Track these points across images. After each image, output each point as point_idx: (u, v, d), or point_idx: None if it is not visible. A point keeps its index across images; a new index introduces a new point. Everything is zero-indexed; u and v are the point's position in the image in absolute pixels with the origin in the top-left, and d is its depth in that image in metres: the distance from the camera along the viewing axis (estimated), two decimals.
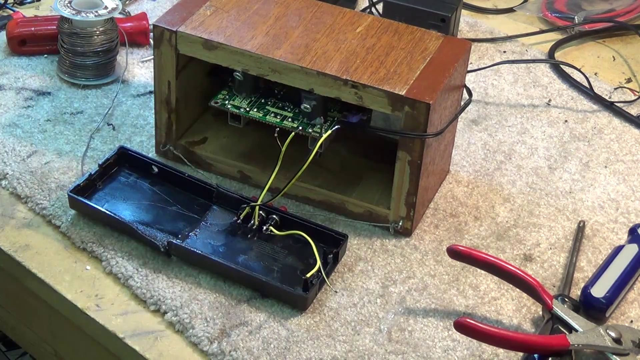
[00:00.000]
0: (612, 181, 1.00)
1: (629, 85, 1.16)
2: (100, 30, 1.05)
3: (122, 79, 1.07)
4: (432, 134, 0.85)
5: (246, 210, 0.87)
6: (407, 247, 0.89)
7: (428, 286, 0.85)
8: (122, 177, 0.92)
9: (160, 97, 0.93)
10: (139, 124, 1.01)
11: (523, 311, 0.84)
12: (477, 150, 1.03)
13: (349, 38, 0.89)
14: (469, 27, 1.24)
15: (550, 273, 0.88)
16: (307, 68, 0.85)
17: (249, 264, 0.84)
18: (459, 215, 0.93)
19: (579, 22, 1.25)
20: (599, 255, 0.90)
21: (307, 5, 0.94)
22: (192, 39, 0.88)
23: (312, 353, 0.78)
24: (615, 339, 0.77)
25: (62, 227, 0.88)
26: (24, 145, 0.97)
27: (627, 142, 1.06)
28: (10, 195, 0.92)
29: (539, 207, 0.95)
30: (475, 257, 0.82)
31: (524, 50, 1.21)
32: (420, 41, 0.90)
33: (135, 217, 0.87)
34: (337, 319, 0.81)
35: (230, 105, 0.93)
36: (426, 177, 0.88)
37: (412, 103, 0.82)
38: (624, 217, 0.95)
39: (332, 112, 0.91)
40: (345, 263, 0.86)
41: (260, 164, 0.93)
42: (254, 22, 0.90)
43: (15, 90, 1.05)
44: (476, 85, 1.12)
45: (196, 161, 0.96)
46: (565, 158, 1.03)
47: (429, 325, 0.81)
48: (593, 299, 0.82)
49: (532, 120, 1.08)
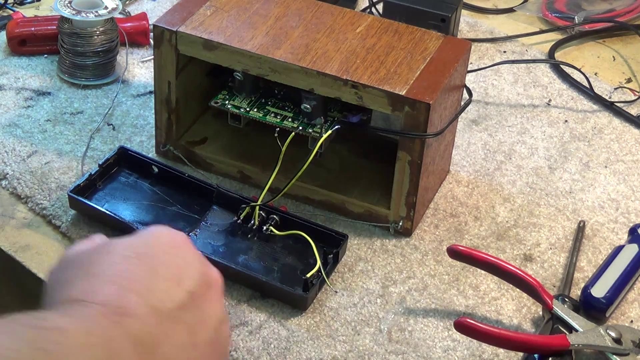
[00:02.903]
0: (612, 181, 1.00)
1: (629, 85, 1.16)
2: (100, 30, 1.05)
3: (122, 79, 1.07)
4: (432, 134, 0.85)
5: (246, 210, 0.87)
6: (407, 247, 0.89)
7: (428, 286, 0.85)
8: (122, 177, 0.92)
9: (160, 97, 0.93)
10: (139, 124, 1.01)
11: (523, 311, 0.84)
12: (477, 150, 1.03)
13: (349, 38, 0.89)
14: (469, 27, 1.24)
15: (550, 273, 0.88)
16: (307, 68, 0.85)
17: (249, 264, 0.84)
18: (459, 215, 0.93)
19: (579, 22, 1.25)
20: (599, 255, 0.90)
21: (307, 5, 0.94)
22: (192, 39, 0.88)
23: (312, 353, 0.78)
24: (616, 339, 0.77)
25: (62, 227, 0.88)
26: (24, 145, 0.97)
27: (627, 142, 1.06)
28: (10, 195, 0.92)
29: (539, 207, 0.95)
30: (475, 257, 0.82)
31: (524, 50, 1.21)
32: (420, 41, 0.90)
33: (135, 217, 0.87)
34: (337, 319, 0.81)
35: (230, 105, 0.93)
36: (426, 177, 0.88)
37: (412, 103, 0.82)
38: (624, 217, 0.95)
39: (332, 112, 0.91)
40: (345, 263, 0.86)
41: (260, 164, 0.93)
42: (254, 22, 0.90)
43: (15, 90, 1.05)
44: (476, 85, 1.12)
45: (196, 161, 0.96)
46: (565, 158, 1.03)
47: (429, 325, 0.81)
48: (593, 299, 0.82)
49: (532, 120, 1.08)
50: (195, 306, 0.61)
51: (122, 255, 0.61)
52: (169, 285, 0.60)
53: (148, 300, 0.58)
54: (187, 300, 0.60)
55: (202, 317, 0.62)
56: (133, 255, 0.61)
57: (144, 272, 0.60)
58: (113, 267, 0.60)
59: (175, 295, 0.60)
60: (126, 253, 0.61)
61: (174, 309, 0.59)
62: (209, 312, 0.62)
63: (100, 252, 0.62)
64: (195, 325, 0.60)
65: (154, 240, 0.64)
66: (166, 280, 0.60)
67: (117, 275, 0.59)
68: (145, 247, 0.62)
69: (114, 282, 0.58)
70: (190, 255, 0.64)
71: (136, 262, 0.60)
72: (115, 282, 0.58)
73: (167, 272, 0.61)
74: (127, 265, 0.60)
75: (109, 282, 0.58)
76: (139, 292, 0.58)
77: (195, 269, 0.63)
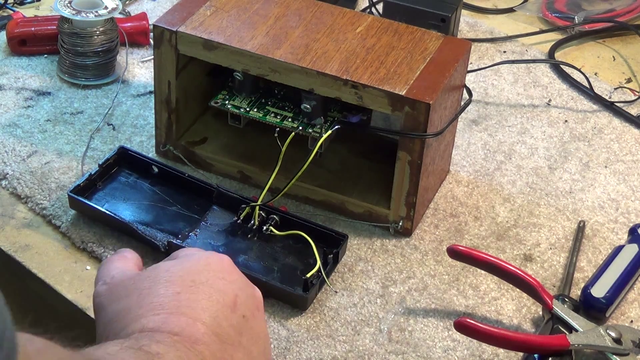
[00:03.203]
0: (612, 181, 1.00)
1: (629, 85, 1.16)
2: (100, 30, 1.05)
3: (122, 79, 1.07)
4: (432, 134, 0.85)
5: (246, 210, 0.87)
6: (407, 247, 0.89)
7: (428, 286, 0.85)
8: (122, 177, 0.92)
9: (160, 97, 0.93)
10: (139, 124, 1.01)
11: (523, 311, 0.84)
12: (477, 150, 1.03)
13: (349, 38, 0.89)
14: (469, 27, 1.24)
15: (550, 273, 0.88)
16: (307, 68, 0.85)
17: (249, 264, 0.84)
18: (459, 215, 0.93)
19: (579, 22, 1.25)
20: (599, 255, 0.90)
21: (307, 5, 0.94)
22: (192, 39, 0.88)
23: (312, 353, 0.78)
24: (615, 339, 0.77)
25: (62, 227, 0.88)
26: (24, 145, 0.97)
27: (627, 142, 1.06)
28: (10, 195, 0.92)
29: (539, 207, 0.95)
30: (475, 257, 0.82)
31: (524, 50, 1.21)
32: (420, 41, 0.90)
33: (135, 217, 0.87)
34: (337, 319, 0.81)
35: (230, 105, 0.93)
36: (426, 177, 0.88)
37: (412, 103, 0.82)
38: (624, 217, 0.95)
39: (332, 112, 0.91)
40: (345, 263, 0.86)
41: (260, 164, 0.93)
42: (254, 22, 0.90)
43: (15, 90, 1.05)
44: (476, 85, 1.12)
45: (196, 161, 0.96)
46: (565, 158, 1.03)
47: (429, 325, 0.81)
48: (593, 299, 0.82)
49: (532, 120, 1.08)
50: (249, 328, 0.65)
51: (182, 284, 0.64)
52: (227, 311, 0.64)
53: (212, 328, 0.62)
54: (242, 324, 0.64)
55: (255, 338, 0.65)
56: (191, 283, 0.64)
57: (205, 300, 0.63)
58: (177, 296, 0.63)
59: (233, 320, 0.64)
60: (185, 281, 0.64)
61: (233, 334, 0.63)
62: (259, 332, 0.66)
63: (155, 280, 0.65)
64: (251, 347, 0.64)
65: (206, 266, 0.67)
66: (224, 306, 0.64)
67: (184, 306, 0.62)
68: (200, 275, 0.65)
69: (183, 313, 0.61)
70: (238, 278, 0.68)
71: (195, 290, 0.64)
72: (183, 312, 0.62)
73: (223, 298, 0.64)
74: (189, 295, 0.63)
75: (178, 312, 0.62)
76: (204, 321, 0.61)
77: (245, 292, 0.67)
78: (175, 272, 0.65)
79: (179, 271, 0.65)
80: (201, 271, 0.66)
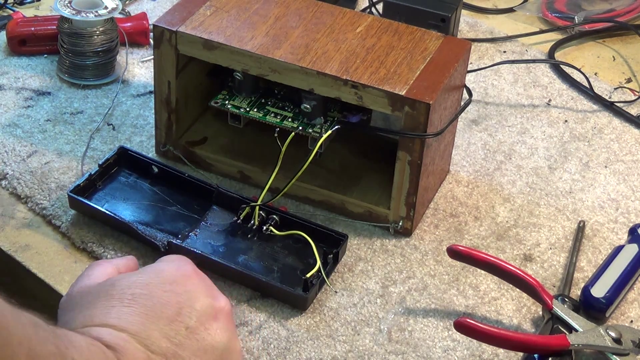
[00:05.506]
0: (612, 181, 1.00)
1: (629, 85, 1.16)
2: (100, 30, 1.05)
3: (122, 79, 1.07)
4: (432, 134, 0.85)
5: (246, 210, 0.87)
6: (407, 247, 0.89)
7: (428, 286, 0.85)
8: (122, 177, 0.92)
9: (160, 97, 0.93)
10: (139, 124, 1.01)
11: (523, 311, 0.84)
12: (477, 150, 1.03)
13: (349, 38, 0.89)
14: (469, 27, 1.24)
15: (550, 273, 0.88)
16: (307, 68, 0.85)
17: (249, 264, 0.84)
18: (459, 215, 0.93)
19: (579, 22, 1.25)
20: (599, 255, 0.90)
21: (307, 5, 0.94)
22: (192, 39, 0.88)
23: (312, 353, 0.78)
24: (615, 339, 0.77)
25: (62, 227, 0.88)
26: (24, 145, 0.97)
27: (627, 142, 1.06)
28: (10, 195, 0.92)
29: (539, 207, 0.95)
30: (475, 257, 0.82)
31: (524, 50, 1.21)
32: (420, 41, 0.90)
33: (135, 217, 0.87)
34: (337, 319, 0.81)
35: (230, 105, 0.93)
36: (426, 177, 0.88)
37: (412, 103, 0.82)
38: (624, 217, 0.95)
39: (332, 112, 0.91)
40: (345, 263, 0.86)
41: (260, 164, 0.93)
42: (254, 22, 0.90)
43: (15, 90, 1.05)
44: (476, 85, 1.12)
45: (196, 161, 0.96)
46: (565, 158, 1.03)
47: (429, 325, 0.81)
48: (593, 299, 0.82)
49: (532, 120, 1.08)
50: (195, 340, 0.66)
51: (120, 297, 0.67)
52: (162, 323, 0.65)
53: (140, 339, 0.63)
54: (184, 335, 0.65)
55: (202, 349, 0.66)
56: (130, 297, 0.67)
57: (137, 313, 0.65)
58: (110, 309, 0.66)
59: (169, 332, 0.65)
60: (124, 295, 0.67)
61: (170, 346, 0.64)
62: (211, 342, 0.67)
63: (98, 295, 0.68)
64: (195, 359, 0.65)
65: (155, 278, 0.69)
66: (159, 318, 0.65)
67: (113, 317, 0.66)
68: (143, 287, 0.68)
69: (109, 325, 0.65)
70: (192, 289, 0.69)
71: (131, 303, 0.66)
72: (109, 324, 0.65)
73: (161, 310, 0.66)
74: (122, 307, 0.66)
75: (105, 324, 0.65)
76: (130, 332, 0.64)
77: (198, 302, 0.68)
78: (121, 285, 0.68)
79: (126, 285, 0.68)
80: (146, 284, 0.68)
